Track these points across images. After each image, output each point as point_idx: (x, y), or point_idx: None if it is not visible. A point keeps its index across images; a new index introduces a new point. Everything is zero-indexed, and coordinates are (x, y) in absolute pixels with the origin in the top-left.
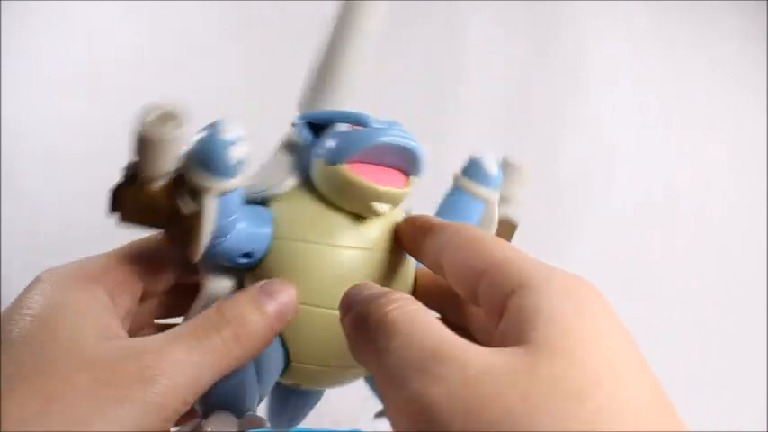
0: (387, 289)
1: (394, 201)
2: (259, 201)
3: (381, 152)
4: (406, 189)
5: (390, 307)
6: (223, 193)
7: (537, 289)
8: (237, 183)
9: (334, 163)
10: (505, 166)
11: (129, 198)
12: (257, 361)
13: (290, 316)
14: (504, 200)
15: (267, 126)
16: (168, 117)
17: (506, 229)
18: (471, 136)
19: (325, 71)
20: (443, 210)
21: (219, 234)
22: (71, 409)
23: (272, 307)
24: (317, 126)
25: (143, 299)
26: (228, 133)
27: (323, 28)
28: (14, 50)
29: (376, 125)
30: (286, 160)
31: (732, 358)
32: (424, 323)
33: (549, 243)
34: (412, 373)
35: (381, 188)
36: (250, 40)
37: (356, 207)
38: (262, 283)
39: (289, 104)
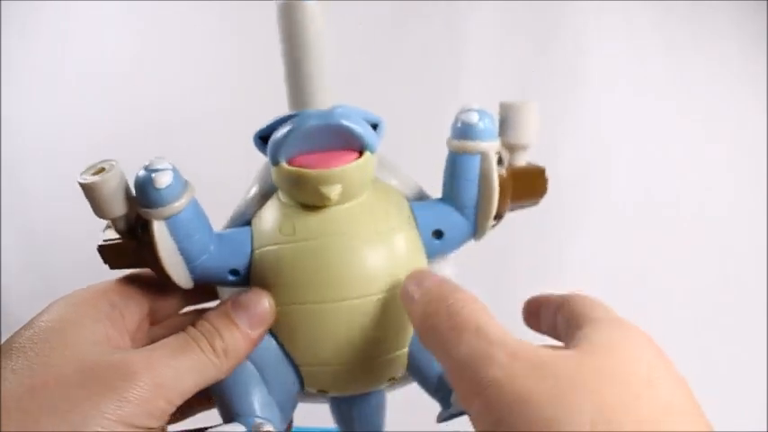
0: (450, 284)
1: (337, 180)
2: (244, 223)
3: (315, 138)
4: (351, 164)
5: (460, 306)
6: (168, 218)
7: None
8: (178, 207)
9: (277, 163)
10: (505, 110)
11: (108, 250)
12: (259, 367)
13: (267, 323)
14: (519, 148)
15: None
16: (100, 170)
17: (536, 175)
18: None
19: (292, 80)
20: (446, 180)
21: (190, 256)
22: (61, 397)
23: (244, 318)
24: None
25: (155, 321)
26: (152, 166)
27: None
28: (15, 50)
29: (305, 116)
30: (259, 178)
31: (732, 358)
32: (486, 321)
33: (549, 243)
34: (480, 360)
35: (315, 172)
36: (250, 41)
37: (310, 197)
38: (234, 295)
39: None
